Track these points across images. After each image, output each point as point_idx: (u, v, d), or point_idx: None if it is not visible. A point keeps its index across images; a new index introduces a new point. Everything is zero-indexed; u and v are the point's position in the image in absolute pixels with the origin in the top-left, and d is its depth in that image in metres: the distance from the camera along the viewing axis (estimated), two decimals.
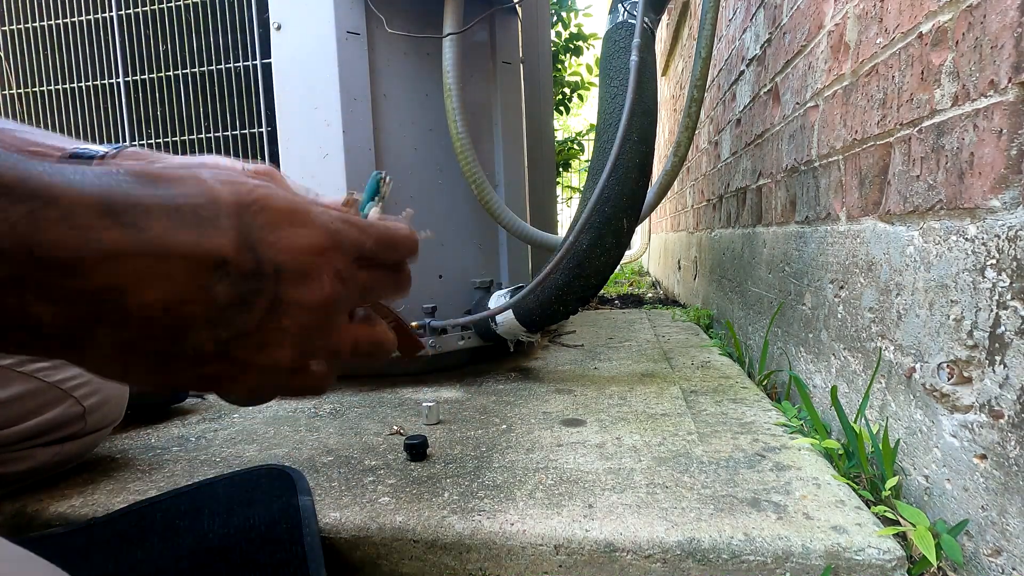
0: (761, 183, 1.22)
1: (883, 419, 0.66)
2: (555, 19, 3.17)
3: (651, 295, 2.92)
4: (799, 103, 0.97)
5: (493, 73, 1.14)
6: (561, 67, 3.38)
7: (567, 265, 0.93)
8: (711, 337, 1.46)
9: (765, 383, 1.05)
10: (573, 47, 3.29)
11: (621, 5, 0.98)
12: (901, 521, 0.53)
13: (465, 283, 1.14)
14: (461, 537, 0.52)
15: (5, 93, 1.10)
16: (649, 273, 4.50)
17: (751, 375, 1.11)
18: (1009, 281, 0.45)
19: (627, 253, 3.41)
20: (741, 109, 1.42)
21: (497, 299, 1.08)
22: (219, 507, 0.56)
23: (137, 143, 1.06)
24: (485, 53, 1.13)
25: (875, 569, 0.47)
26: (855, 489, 0.58)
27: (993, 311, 0.47)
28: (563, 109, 3.53)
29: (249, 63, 1.00)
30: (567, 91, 3.47)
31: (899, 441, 0.62)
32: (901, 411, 0.62)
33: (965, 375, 0.51)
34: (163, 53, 1.03)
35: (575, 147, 3.97)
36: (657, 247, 3.96)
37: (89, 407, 0.63)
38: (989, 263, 0.47)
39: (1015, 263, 0.44)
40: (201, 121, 1.03)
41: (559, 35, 3.26)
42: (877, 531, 0.49)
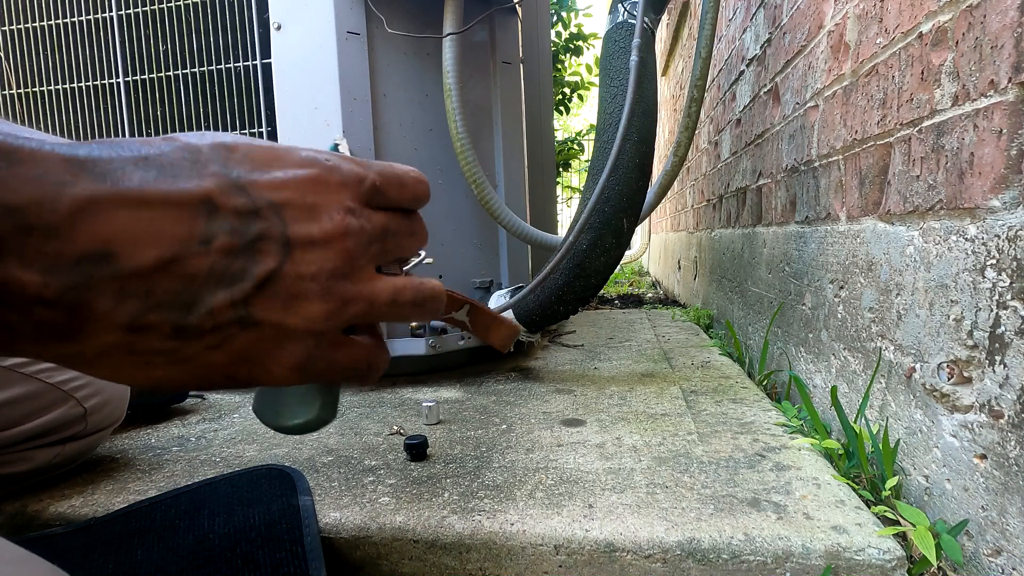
0: (761, 183, 1.22)
1: (883, 419, 0.66)
2: (555, 19, 3.17)
3: (651, 295, 2.92)
4: (799, 103, 0.97)
5: (493, 73, 1.14)
6: (561, 67, 3.38)
7: (567, 265, 0.93)
8: (711, 337, 1.46)
9: (765, 383, 1.05)
10: (573, 47, 3.29)
11: (621, 5, 0.98)
12: (901, 521, 0.53)
13: (465, 283, 1.14)
14: (461, 537, 0.52)
15: (5, 93, 1.10)
16: (649, 273, 4.50)
17: (751, 375, 1.11)
18: (1009, 281, 0.45)
19: (627, 253, 3.41)
20: (741, 109, 1.42)
21: (497, 299, 1.08)
22: (219, 507, 0.56)
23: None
24: (485, 53, 1.13)
25: (875, 569, 0.47)
26: (855, 489, 0.58)
27: (993, 311, 0.47)
28: (563, 109, 3.53)
29: (249, 63, 1.00)
30: (567, 91, 3.47)
31: (899, 441, 0.62)
32: (901, 411, 0.62)
33: (965, 375, 0.51)
34: (163, 53, 1.03)
35: (575, 147, 3.97)
36: (657, 247, 3.96)
37: (90, 408, 0.63)
38: (989, 263, 0.47)
39: (1015, 263, 0.44)
40: (201, 121, 1.03)
41: (559, 35, 3.27)
42: (877, 531, 0.49)
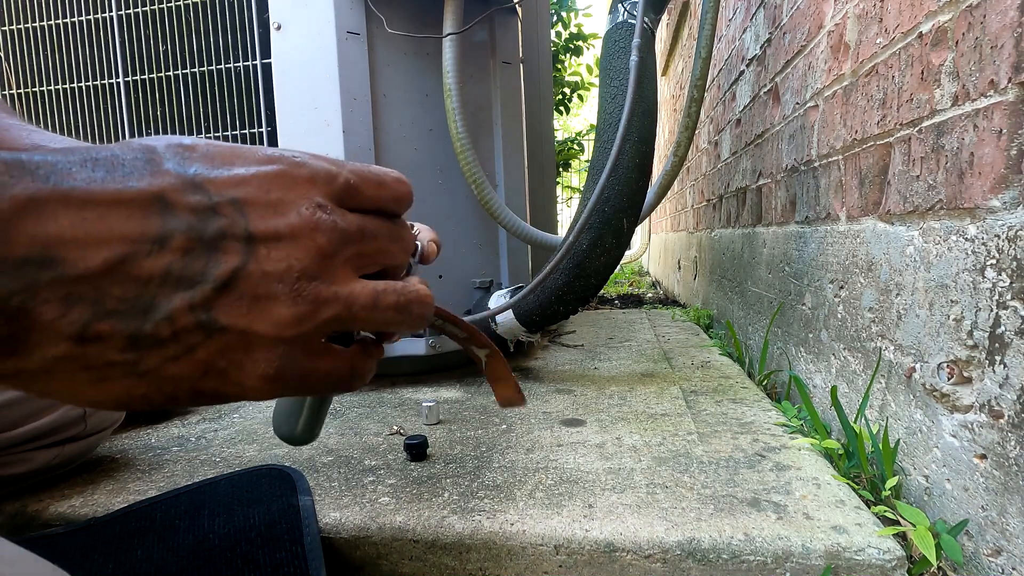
0: (761, 183, 1.22)
1: (883, 419, 0.66)
2: (555, 19, 3.17)
3: (651, 295, 2.92)
4: (799, 103, 0.97)
5: (493, 73, 1.14)
6: (561, 67, 3.38)
7: (567, 265, 0.93)
8: (711, 337, 1.46)
9: (765, 383, 1.05)
10: (573, 47, 3.29)
11: (621, 5, 0.98)
12: (901, 521, 0.53)
13: (465, 283, 1.14)
14: (461, 537, 0.52)
15: (5, 93, 1.10)
16: (649, 273, 4.50)
17: (751, 375, 1.11)
18: (1009, 281, 0.45)
19: (627, 253, 3.41)
20: (741, 109, 1.42)
21: (497, 299, 1.08)
22: (219, 507, 0.56)
23: None
24: (485, 53, 1.13)
25: (875, 569, 0.47)
26: (855, 489, 0.58)
27: (993, 311, 0.47)
28: (563, 109, 3.53)
29: (249, 63, 1.00)
30: (567, 91, 3.47)
31: (899, 441, 0.62)
32: (901, 411, 0.62)
33: (965, 375, 0.51)
34: (163, 53, 1.03)
35: (575, 147, 3.97)
36: (657, 247, 3.96)
37: (90, 409, 0.63)
38: (989, 263, 0.47)
39: (1015, 263, 0.44)
40: (201, 121, 1.03)
41: (559, 35, 3.27)
42: (877, 531, 0.49)
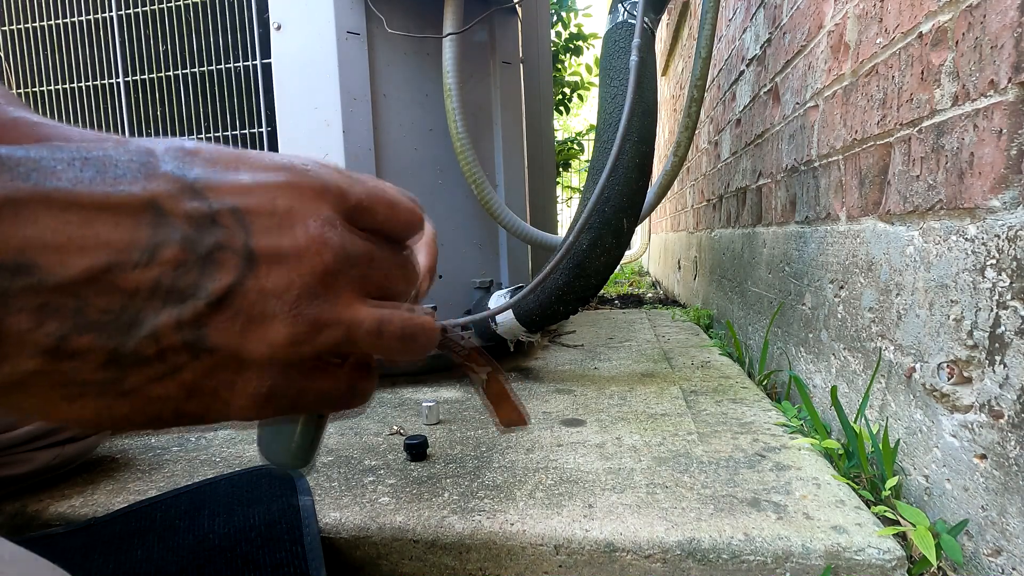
0: (761, 183, 1.22)
1: (883, 419, 0.66)
2: (555, 19, 3.17)
3: (651, 295, 2.92)
4: (799, 103, 0.97)
5: (493, 73, 1.14)
6: (561, 67, 3.38)
7: (567, 265, 0.93)
8: (711, 337, 1.46)
9: (765, 383, 1.05)
10: (573, 47, 3.29)
11: (621, 5, 0.98)
12: (901, 521, 0.53)
13: (465, 283, 1.14)
14: (461, 537, 0.52)
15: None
16: (649, 273, 4.50)
17: (751, 375, 1.11)
18: (1009, 281, 0.45)
19: (627, 253, 3.41)
20: (741, 109, 1.42)
21: (497, 299, 1.08)
22: (219, 507, 0.56)
23: None
24: (485, 53, 1.13)
25: (875, 569, 0.47)
26: (855, 489, 0.58)
27: (993, 311, 0.47)
28: (563, 109, 3.53)
29: (249, 63, 1.00)
30: (567, 91, 3.47)
31: (899, 441, 0.62)
32: (901, 411, 0.62)
33: (965, 375, 0.51)
34: (163, 53, 1.03)
35: (575, 147, 3.98)
36: (657, 247, 3.96)
37: None
38: (989, 263, 0.47)
39: (1015, 263, 0.44)
40: (201, 121, 1.03)
41: (559, 35, 3.27)
42: (877, 531, 0.49)
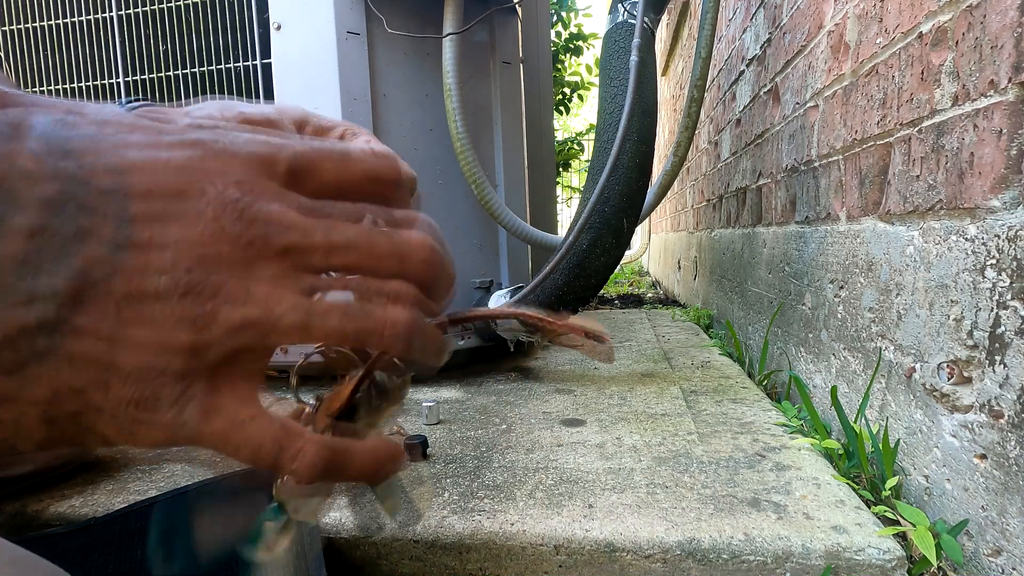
0: (761, 183, 1.22)
1: (883, 419, 0.66)
2: (555, 19, 3.17)
3: (651, 295, 2.92)
4: (799, 103, 0.97)
5: (493, 73, 1.14)
6: (561, 67, 3.38)
7: (567, 265, 0.93)
8: (711, 337, 1.46)
9: (765, 383, 1.05)
10: (573, 47, 3.30)
11: (621, 5, 0.98)
12: (901, 521, 0.53)
13: (465, 283, 1.14)
14: (461, 537, 0.52)
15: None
16: (649, 273, 4.50)
17: (751, 375, 1.11)
18: (1009, 281, 0.45)
19: (627, 253, 3.42)
20: (741, 109, 1.42)
21: (497, 299, 1.08)
22: (219, 507, 0.56)
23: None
24: (485, 53, 1.13)
25: (875, 569, 0.47)
26: (855, 489, 0.58)
27: (993, 311, 0.47)
28: (563, 109, 3.53)
29: (249, 63, 1.00)
30: (567, 91, 3.47)
31: (899, 441, 0.62)
32: (901, 411, 0.62)
33: (965, 375, 0.51)
34: (163, 53, 1.03)
35: (575, 147, 3.98)
36: (657, 247, 3.96)
37: None
38: (989, 263, 0.47)
39: (1015, 263, 0.44)
40: None
41: (559, 35, 3.27)
42: (877, 531, 0.49)
